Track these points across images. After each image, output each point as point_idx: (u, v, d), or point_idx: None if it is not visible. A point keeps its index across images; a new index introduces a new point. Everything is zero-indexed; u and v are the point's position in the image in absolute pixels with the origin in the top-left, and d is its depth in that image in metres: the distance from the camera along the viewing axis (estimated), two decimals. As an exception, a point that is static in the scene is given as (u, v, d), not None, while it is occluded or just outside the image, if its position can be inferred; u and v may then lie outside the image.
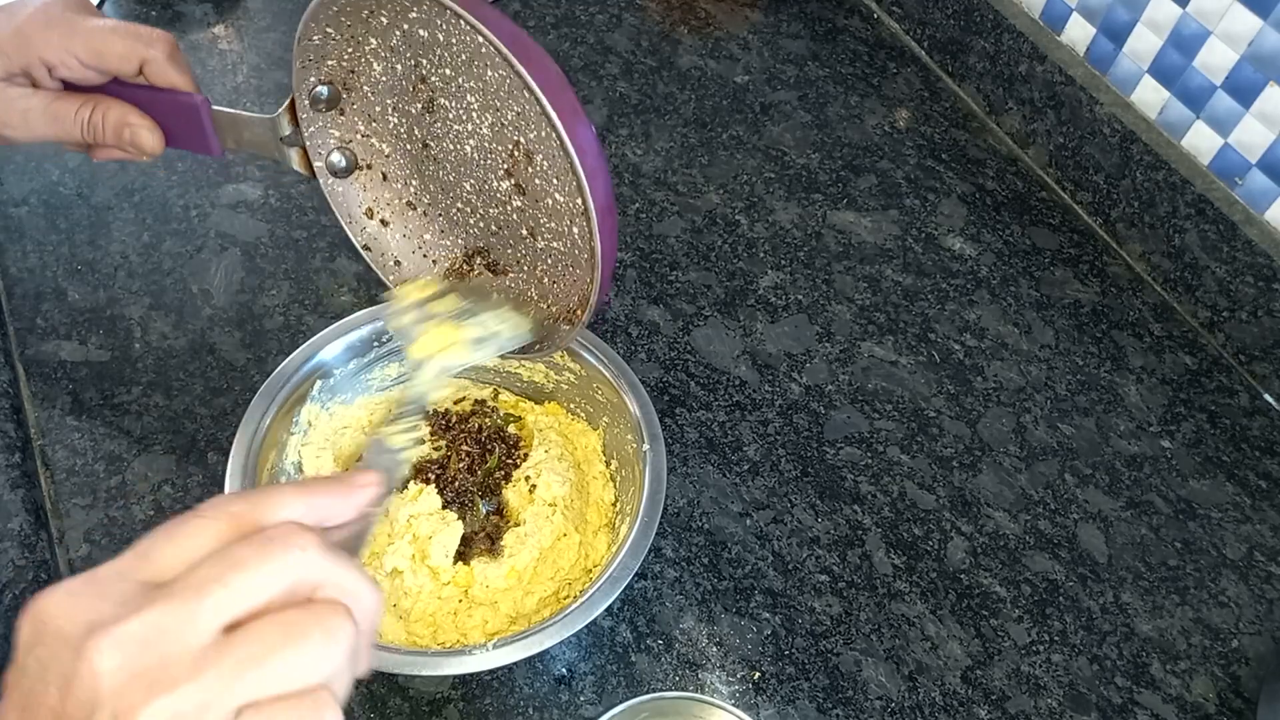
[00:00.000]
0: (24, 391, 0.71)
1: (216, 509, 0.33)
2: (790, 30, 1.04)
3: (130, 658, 0.29)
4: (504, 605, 0.60)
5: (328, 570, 0.32)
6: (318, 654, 0.31)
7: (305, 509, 0.35)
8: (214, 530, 0.33)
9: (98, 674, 0.29)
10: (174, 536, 0.33)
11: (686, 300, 0.81)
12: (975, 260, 0.86)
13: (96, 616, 0.30)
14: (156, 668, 0.29)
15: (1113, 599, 0.68)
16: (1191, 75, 0.81)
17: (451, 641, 0.58)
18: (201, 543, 0.32)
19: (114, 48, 0.56)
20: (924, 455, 0.74)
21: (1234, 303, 0.80)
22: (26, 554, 0.63)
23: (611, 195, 0.50)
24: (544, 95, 0.46)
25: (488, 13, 0.47)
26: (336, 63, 0.56)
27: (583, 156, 0.47)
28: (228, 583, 0.30)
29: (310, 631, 0.31)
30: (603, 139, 0.91)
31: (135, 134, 0.59)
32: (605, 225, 0.50)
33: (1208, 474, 0.75)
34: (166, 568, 0.32)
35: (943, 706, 0.62)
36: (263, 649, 0.30)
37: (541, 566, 0.61)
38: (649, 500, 0.59)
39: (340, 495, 0.38)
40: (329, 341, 0.65)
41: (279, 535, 0.32)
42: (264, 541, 0.32)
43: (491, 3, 1.01)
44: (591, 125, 0.48)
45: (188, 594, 0.30)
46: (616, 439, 0.65)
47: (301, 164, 0.60)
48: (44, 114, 0.58)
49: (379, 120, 0.59)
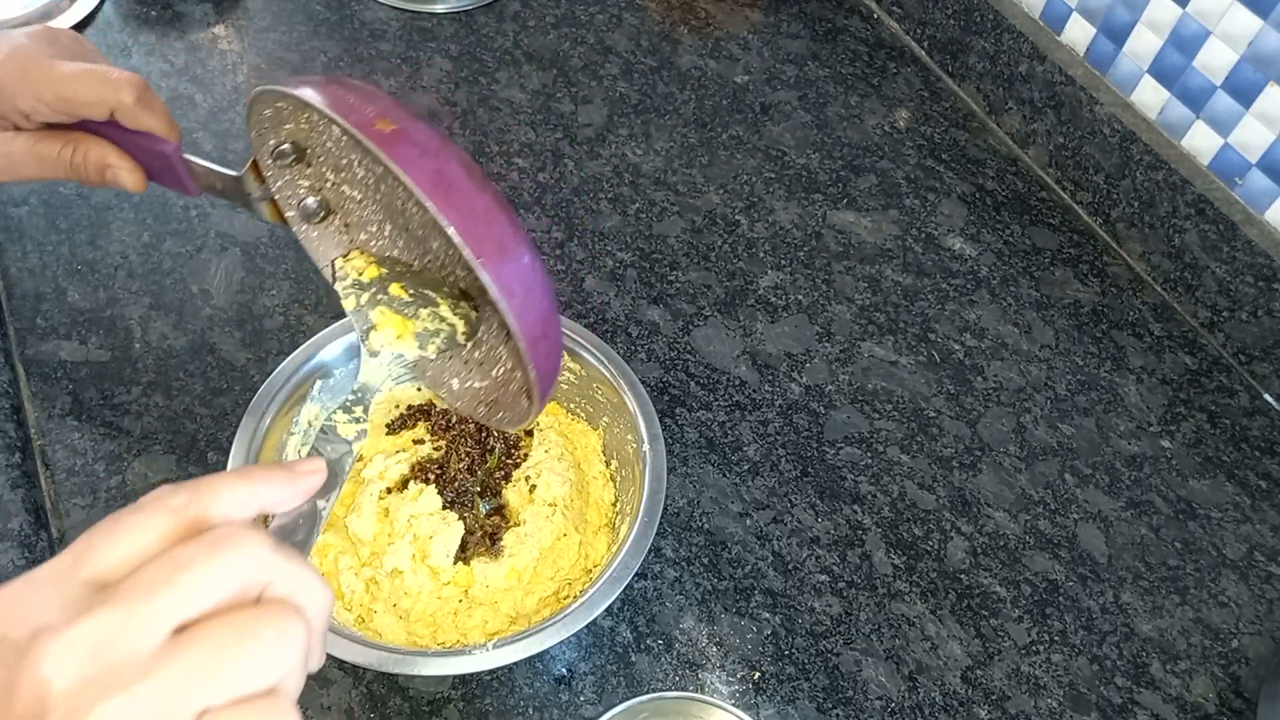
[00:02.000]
0: (24, 391, 0.71)
1: (157, 503, 0.32)
2: (790, 30, 1.04)
3: (80, 663, 0.28)
4: (504, 605, 0.60)
5: (277, 568, 0.32)
6: (272, 654, 0.30)
7: (248, 496, 0.35)
8: (157, 526, 0.32)
9: (46, 679, 0.28)
10: (115, 534, 0.31)
11: (686, 300, 0.81)
12: (975, 260, 0.86)
13: (41, 621, 0.29)
14: (107, 672, 0.28)
15: (1113, 599, 0.68)
16: (1191, 75, 0.81)
17: (451, 641, 0.58)
18: (146, 540, 0.31)
19: (82, 95, 0.55)
20: (924, 455, 0.74)
21: (1234, 303, 0.80)
22: (26, 554, 0.63)
23: (550, 317, 0.48)
24: (465, 244, 0.43)
25: (409, 142, 0.44)
26: (294, 126, 0.54)
27: (509, 298, 0.45)
28: (176, 584, 0.30)
29: (262, 632, 0.30)
30: (603, 139, 0.91)
31: (116, 175, 0.59)
32: (538, 352, 0.48)
33: (1208, 474, 0.75)
34: (110, 568, 0.31)
35: (943, 706, 0.62)
36: (216, 651, 0.29)
37: (541, 566, 0.61)
38: (649, 500, 0.59)
39: (284, 482, 0.37)
40: (329, 341, 0.65)
41: (226, 535, 0.31)
42: (211, 542, 0.31)
43: (489, 4, 1.01)
44: (524, 252, 0.46)
45: (136, 597, 0.29)
46: (616, 439, 0.65)
47: (272, 215, 0.58)
48: (29, 155, 0.58)
49: (346, 170, 0.57)
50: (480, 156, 0.89)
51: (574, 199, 0.87)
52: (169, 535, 0.32)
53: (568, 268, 0.82)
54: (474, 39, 0.99)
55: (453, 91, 0.94)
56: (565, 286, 0.80)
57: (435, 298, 0.56)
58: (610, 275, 0.82)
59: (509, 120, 0.92)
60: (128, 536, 0.31)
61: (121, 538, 0.31)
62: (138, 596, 0.29)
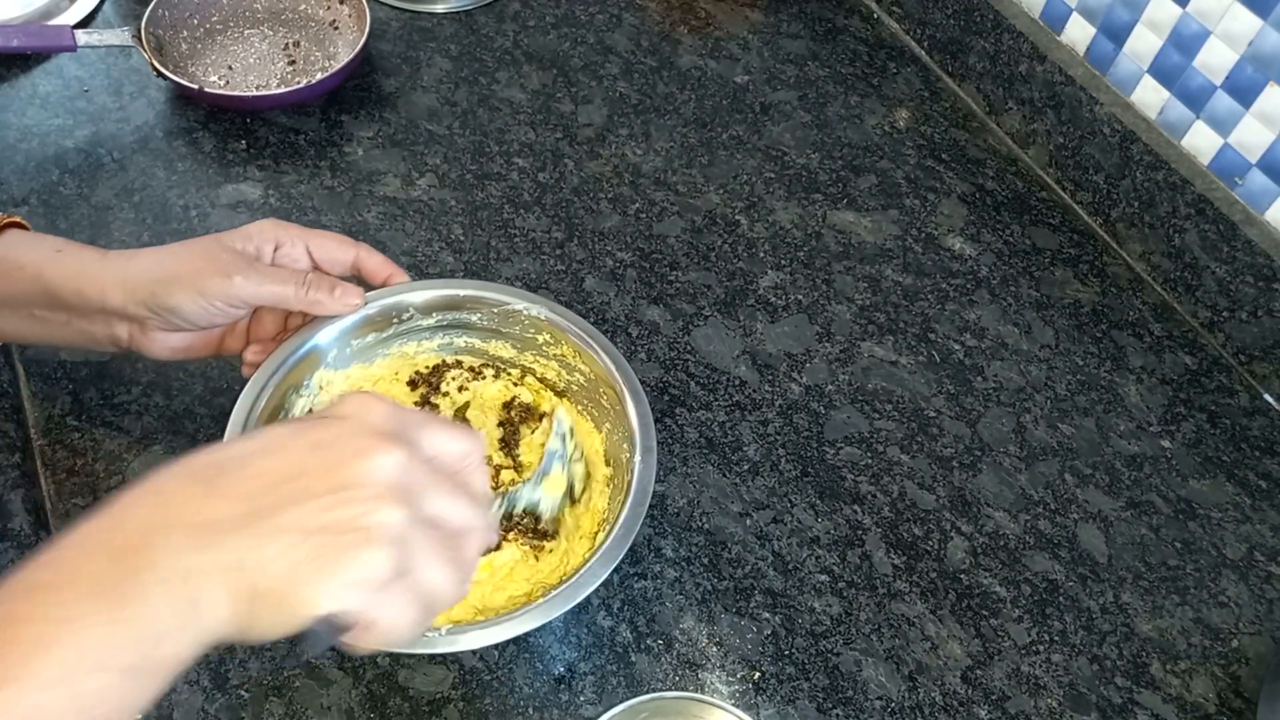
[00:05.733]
0: (24, 391, 0.71)
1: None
2: (790, 30, 1.04)
3: (403, 474, 0.43)
4: (472, 596, 0.60)
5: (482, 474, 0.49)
6: (477, 510, 0.46)
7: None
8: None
9: (386, 465, 0.42)
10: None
11: (686, 300, 0.81)
12: (975, 260, 0.86)
13: (401, 430, 0.44)
14: (410, 492, 0.43)
15: (1113, 599, 0.68)
16: (1191, 75, 0.81)
17: None
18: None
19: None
20: (924, 455, 0.74)
21: (1234, 303, 0.80)
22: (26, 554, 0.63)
23: None
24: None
25: None
26: None
27: None
28: (450, 442, 0.47)
29: (476, 509, 0.46)
30: (603, 139, 0.91)
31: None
32: None
33: (1208, 474, 0.75)
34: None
35: (943, 706, 0.62)
36: (456, 491, 0.45)
37: (520, 567, 0.61)
38: (629, 513, 0.58)
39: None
40: (324, 325, 0.64)
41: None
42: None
43: (489, 4, 1.01)
44: None
45: (444, 466, 0.46)
46: (614, 446, 0.65)
47: None
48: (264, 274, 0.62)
49: None
50: (480, 156, 0.89)
51: (574, 199, 0.87)
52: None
53: (568, 268, 0.82)
54: (474, 39, 0.99)
55: (453, 91, 0.94)
56: (565, 286, 0.80)
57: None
58: (610, 275, 0.82)
59: (509, 120, 0.92)
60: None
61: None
62: (444, 474, 0.46)
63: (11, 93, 0.89)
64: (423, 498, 0.43)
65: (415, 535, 0.42)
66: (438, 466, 0.45)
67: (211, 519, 0.40)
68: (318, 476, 0.41)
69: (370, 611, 0.41)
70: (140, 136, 0.86)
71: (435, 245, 0.82)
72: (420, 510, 0.43)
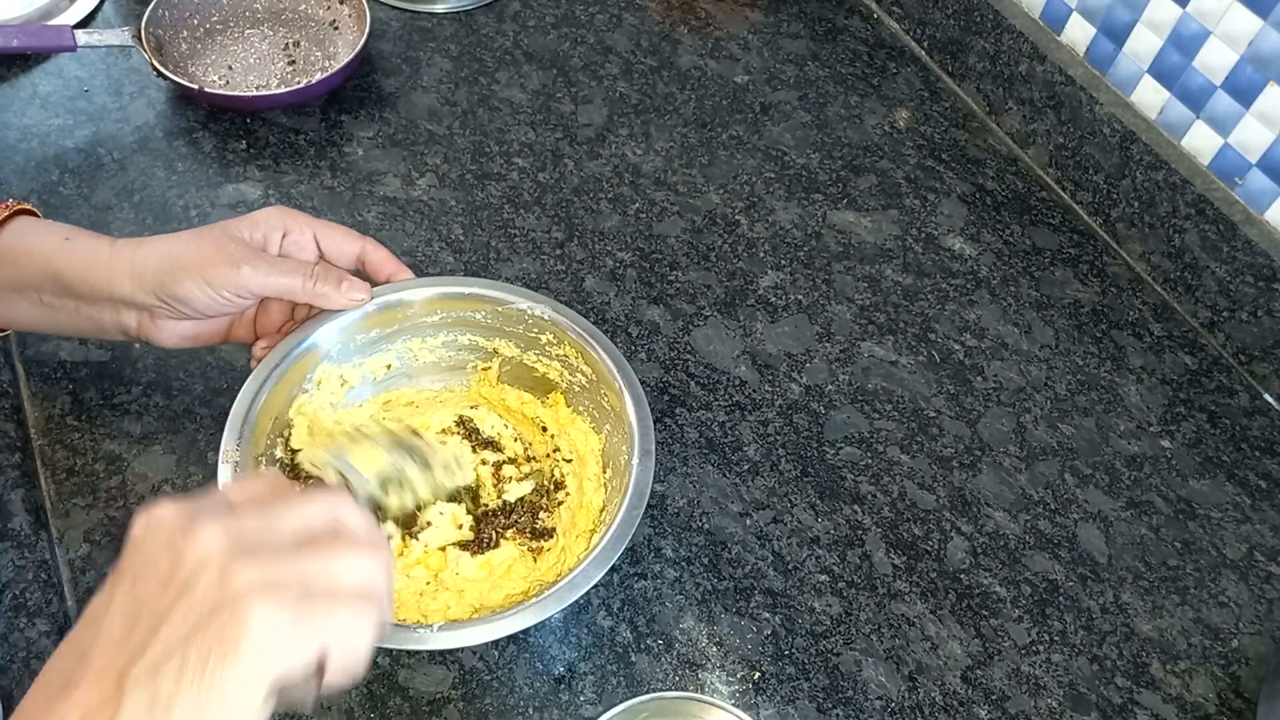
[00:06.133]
0: (24, 391, 0.71)
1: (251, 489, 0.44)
2: (790, 30, 1.04)
3: (232, 539, 0.39)
4: (470, 595, 0.60)
5: (364, 518, 0.44)
6: (371, 565, 0.41)
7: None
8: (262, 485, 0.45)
9: (207, 543, 0.38)
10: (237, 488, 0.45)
11: (686, 300, 0.81)
12: (975, 260, 0.86)
13: (199, 514, 0.40)
14: (251, 547, 0.39)
15: (1113, 599, 0.68)
16: (1191, 75, 0.81)
17: (412, 621, 0.58)
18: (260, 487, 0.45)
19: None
20: (924, 455, 0.74)
21: (1234, 303, 0.80)
22: (26, 554, 0.63)
23: None
24: None
25: None
26: None
27: None
28: (293, 507, 0.42)
29: (361, 551, 0.41)
30: (602, 139, 0.91)
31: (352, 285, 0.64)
32: None
33: (1208, 474, 0.75)
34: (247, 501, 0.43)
35: (943, 706, 0.62)
36: (331, 553, 0.40)
37: (518, 565, 0.62)
38: (625, 515, 0.58)
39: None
40: (324, 324, 0.64)
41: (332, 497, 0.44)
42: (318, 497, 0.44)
43: (489, 4, 1.01)
44: None
45: (272, 513, 0.41)
46: (613, 448, 0.65)
47: None
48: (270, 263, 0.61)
49: None
50: (480, 156, 0.89)
51: (574, 199, 0.87)
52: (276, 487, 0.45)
53: (568, 268, 0.82)
54: (474, 39, 0.99)
55: (453, 91, 0.94)
56: (565, 286, 0.80)
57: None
58: (610, 275, 0.82)
59: (509, 120, 0.92)
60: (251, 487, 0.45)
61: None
62: (273, 513, 0.41)
63: (11, 93, 0.89)
64: (263, 535, 0.40)
65: (280, 563, 0.39)
66: (254, 504, 0.42)
67: (88, 711, 0.36)
68: (155, 601, 0.38)
69: (305, 652, 0.38)
70: (140, 136, 0.86)
71: (435, 245, 0.82)
72: (269, 544, 0.40)
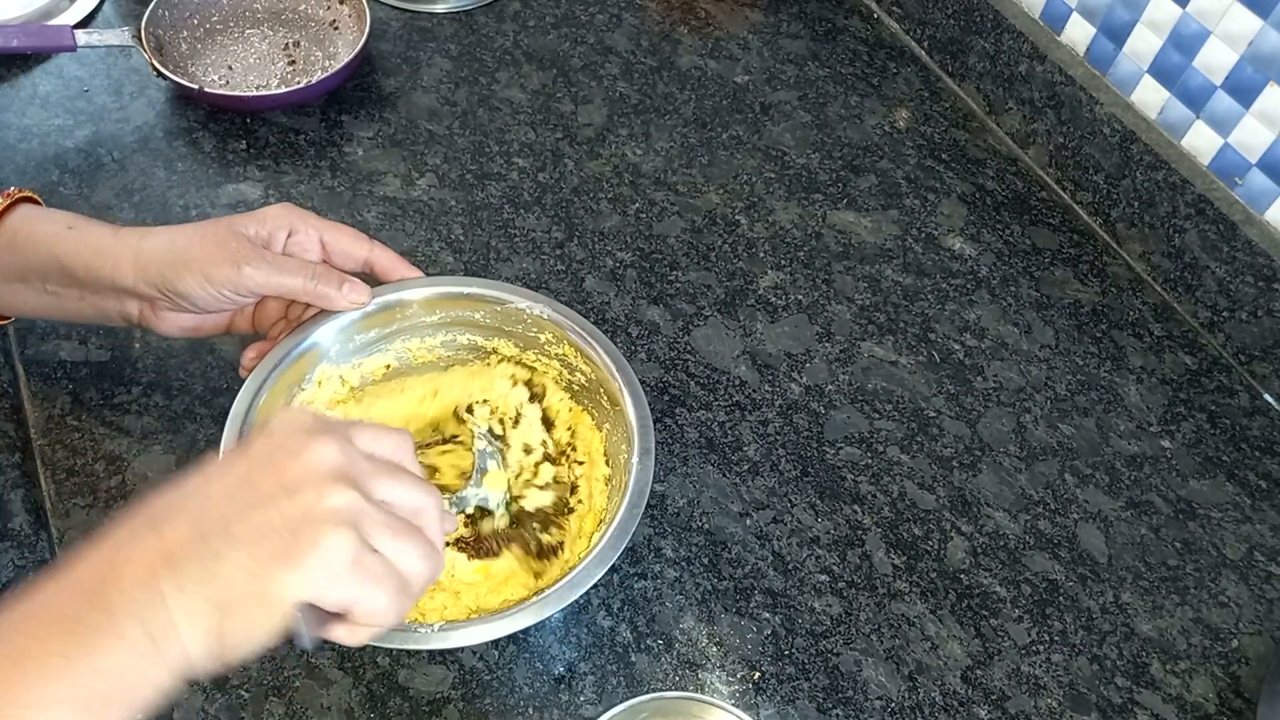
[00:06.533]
0: (24, 391, 0.71)
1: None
2: (790, 30, 1.04)
3: (344, 464, 0.43)
4: (466, 597, 0.60)
5: (447, 525, 0.49)
6: (429, 568, 0.45)
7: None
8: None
9: (323, 456, 0.43)
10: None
11: (686, 300, 0.81)
12: (975, 260, 0.86)
13: (330, 429, 0.45)
14: (354, 482, 0.43)
15: (1113, 599, 0.68)
16: (1191, 75, 0.81)
17: (409, 619, 0.58)
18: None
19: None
20: (924, 455, 0.74)
21: (1234, 303, 0.80)
22: (26, 554, 0.63)
23: None
24: None
25: None
26: None
27: None
28: (401, 480, 0.46)
29: (431, 552, 0.46)
30: (602, 139, 0.91)
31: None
32: None
33: (1208, 474, 0.75)
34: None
35: (943, 706, 0.62)
36: (410, 536, 0.45)
37: (519, 573, 0.61)
38: (625, 514, 0.58)
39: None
40: (324, 323, 0.64)
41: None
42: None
43: (489, 4, 1.01)
44: None
45: (381, 466, 0.46)
46: (614, 447, 0.65)
47: None
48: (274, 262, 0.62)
49: None
50: (480, 156, 0.89)
51: (574, 199, 0.87)
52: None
53: (568, 268, 0.82)
54: (474, 39, 0.99)
55: (453, 91, 0.94)
56: (565, 286, 0.80)
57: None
58: (610, 275, 0.82)
59: (509, 120, 0.92)
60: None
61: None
62: (385, 469, 0.46)
63: (11, 93, 0.89)
64: (368, 482, 0.44)
65: (370, 514, 0.43)
66: (374, 458, 0.46)
67: (163, 552, 0.40)
68: (260, 485, 0.42)
69: (344, 595, 0.42)
70: (140, 136, 0.86)
71: (435, 245, 0.82)
72: (369, 493, 0.44)
